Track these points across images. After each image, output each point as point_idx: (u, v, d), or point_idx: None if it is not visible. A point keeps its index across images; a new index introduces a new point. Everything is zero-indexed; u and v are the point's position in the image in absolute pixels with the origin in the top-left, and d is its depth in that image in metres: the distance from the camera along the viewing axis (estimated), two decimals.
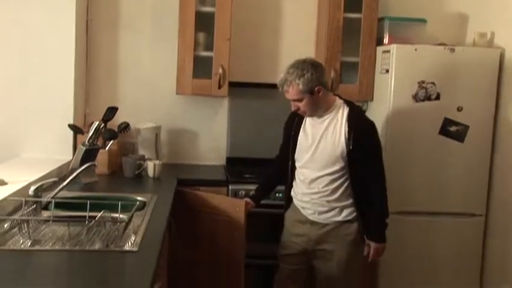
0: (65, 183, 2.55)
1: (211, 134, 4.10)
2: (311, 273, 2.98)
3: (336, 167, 2.79)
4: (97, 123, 3.19)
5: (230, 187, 3.48)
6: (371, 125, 2.88)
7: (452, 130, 3.52)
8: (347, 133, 2.77)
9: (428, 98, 3.50)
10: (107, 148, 3.52)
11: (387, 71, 3.56)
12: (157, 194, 2.97)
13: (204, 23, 3.71)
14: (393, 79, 3.50)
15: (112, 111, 3.55)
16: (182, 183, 3.39)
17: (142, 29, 3.96)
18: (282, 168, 3.03)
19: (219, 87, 3.71)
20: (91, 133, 3.17)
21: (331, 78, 3.74)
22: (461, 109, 3.51)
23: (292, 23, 4.08)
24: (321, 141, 2.82)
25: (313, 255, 2.92)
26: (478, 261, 3.66)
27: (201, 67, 3.74)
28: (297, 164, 2.93)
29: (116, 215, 2.23)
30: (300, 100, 2.77)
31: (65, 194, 2.75)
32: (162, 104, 3.99)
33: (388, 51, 3.56)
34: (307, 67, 2.74)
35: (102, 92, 3.96)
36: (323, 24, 3.86)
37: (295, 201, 2.98)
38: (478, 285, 3.67)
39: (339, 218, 2.84)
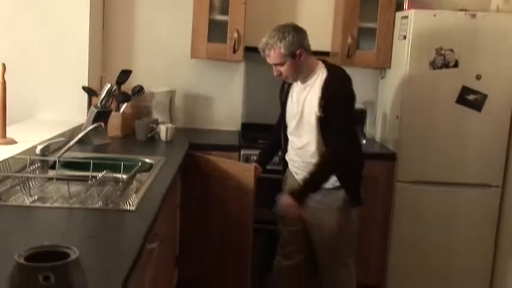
0: (71, 143, 2.58)
1: (226, 99, 4.08)
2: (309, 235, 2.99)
3: (317, 134, 2.76)
4: (109, 85, 3.20)
5: (242, 152, 3.48)
6: (343, 92, 2.75)
7: (470, 99, 3.44)
8: (319, 100, 2.72)
9: (445, 65, 3.41)
10: (121, 111, 3.55)
11: (405, 37, 3.47)
12: (167, 156, 2.99)
13: None
14: (410, 45, 3.42)
15: (125, 74, 3.57)
16: (195, 147, 3.41)
17: None
18: (280, 135, 3.03)
19: (234, 51, 3.68)
20: (103, 95, 3.19)
21: (347, 44, 3.68)
22: (480, 77, 3.42)
23: None
24: (305, 107, 2.78)
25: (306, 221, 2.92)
26: (492, 232, 3.60)
27: (216, 31, 3.71)
28: (287, 131, 2.92)
29: (119, 175, 2.23)
30: (281, 64, 2.72)
31: (74, 154, 2.79)
32: (178, 68, 3.98)
33: (406, 17, 3.47)
34: (288, 30, 2.70)
35: (118, 56, 3.96)
36: None
37: (289, 166, 2.98)
38: (491, 256, 3.62)
39: (328, 185, 2.80)
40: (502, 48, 3.42)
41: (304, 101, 2.78)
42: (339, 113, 2.71)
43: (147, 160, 2.84)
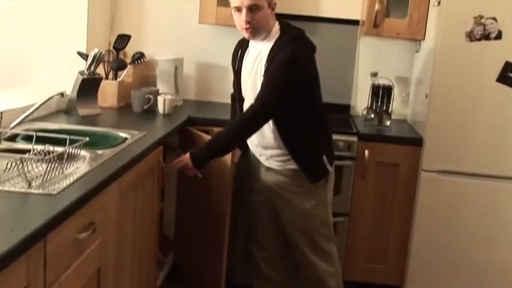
0: (25, 114, 2.29)
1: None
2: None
3: None
4: (97, 50, 2.91)
5: None
6: (286, 53, 2.34)
7: None
8: (263, 66, 2.38)
9: (486, 36, 2.89)
10: (119, 79, 3.26)
11: (439, 3, 2.97)
12: (152, 131, 2.68)
13: None
14: (444, 12, 2.92)
15: (124, 39, 3.27)
16: (193, 121, 3.09)
17: None
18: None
19: None
20: (89, 61, 2.91)
21: (375, 10, 3.21)
22: None
23: None
24: (255, 75, 2.44)
25: (275, 201, 2.61)
26: None
27: None
28: (243, 105, 2.59)
29: (61, 149, 1.92)
30: (258, 8, 2.35)
31: (46, 125, 2.54)
32: (188, 34, 3.64)
33: None
34: None
35: (129, 19, 3.66)
36: None
37: (249, 146, 2.66)
38: None
39: (293, 166, 2.48)
40: None
41: (257, 69, 2.45)
42: (276, 72, 2.34)
43: (122, 134, 2.53)
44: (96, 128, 2.65)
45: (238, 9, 2.39)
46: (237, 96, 2.66)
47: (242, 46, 2.60)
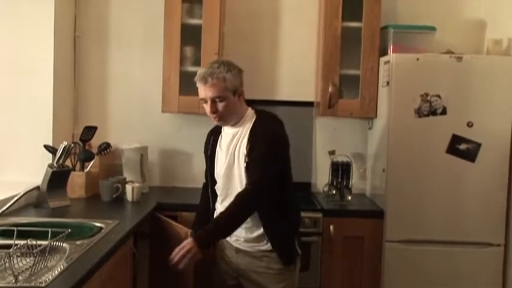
0: (3, 208, 2.34)
1: None
2: None
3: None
4: (66, 143, 2.99)
5: None
6: (269, 133, 2.47)
7: (462, 148, 3.14)
8: (245, 148, 2.48)
9: (433, 112, 3.13)
10: (86, 170, 3.32)
11: (388, 83, 3.22)
12: (124, 219, 2.73)
13: (191, 36, 3.48)
14: (393, 92, 3.16)
15: (90, 130, 3.37)
16: (162, 207, 3.15)
17: (132, 44, 3.76)
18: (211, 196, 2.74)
19: None
20: (58, 154, 2.97)
21: (329, 93, 3.43)
22: (472, 125, 3.13)
23: (291, 34, 3.78)
24: (234, 158, 2.53)
25: (245, 283, 2.60)
26: None
27: (189, 83, 3.45)
28: (216, 187, 2.65)
29: (44, 242, 1.96)
30: (222, 99, 2.46)
31: (19, 220, 2.56)
32: (152, 123, 3.76)
33: (388, 62, 3.22)
34: (232, 65, 2.52)
35: (92, 111, 3.77)
36: (320, 35, 3.56)
37: None
38: None
39: (266, 247, 2.51)
40: (494, 92, 3.14)
41: (234, 151, 2.53)
42: (262, 151, 2.43)
43: (97, 224, 2.57)
44: (69, 219, 2.69)
45: (204, 100, 2.51)
46: (210, 181, 2.71)
47: (214, 133, 2.70)
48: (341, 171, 3.49)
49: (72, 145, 3.06)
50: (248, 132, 2.50)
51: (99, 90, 3.78)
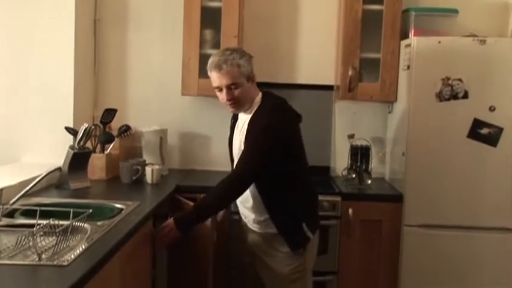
0: (25, 189, 2.37)
1: (225, 138, 3.78)
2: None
3: None
4: (86, 125, 3.01)
5: None
6: (266, 121, 2.44)
7: (483, 133, 3.11)
8: (244, 134, 2.50)
9: (454, 96, 3.10)
10: (106, 152, 3.35)
11: (409, 67, 3.19)
12: (144, 201, 2.76)
13: (211, 19, 3.48)
14: (414, 76, 3.13)
15: (110, 113, 3.39)
16: (181, 189, 3.18)
17: (151, 27, 3.77)
18: None
19: None
20: (79, 136, 3.00)
21: (349, 76, 3.41)
22: (494, 109, 3.10)
23: (311, 17, 3.76)
24: (241, 145, 2.54)
25: (256, 263, 2.65)
26: None
27: None
28: None
29: (66, 222, 1.99)
30: (237, 86, 2.46)
31: (41, 200, 2.59)
32: (171, 106, 3.78)
33: (409, 45, 3.19)
34: (243, 52, 2.55)
35: (112, 94, 3.79)
36: (341, 18, 3.54)
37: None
38: None
39: (273, 230, 2.53)
40: None
41: (241, 137, 2.55)
42: (251, 142, 2.45)
43: (117, 205, 2.60)
44: (90, 200, 2.73)
45: (219, 88, 2.51)
46: (230, 162, 2.75)
47: (234, 118, 2.72)
48: (360, 155, 3.48)
49: (92, 127, 3.08)
50: (247, 122, 2.50)
51: (119, 73, 3.81)
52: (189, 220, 2.51)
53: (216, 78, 2.49)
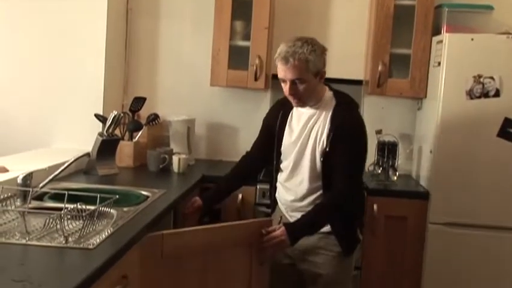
0: (54, 174, 2.41)
1: (252, 129, 3.76)
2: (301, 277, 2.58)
3: (319, 171, 2.40)
4: (115, 112, 3.05)
5: (258, 186, 3.26)
6: (356, 125, 2.40)
7: None
8: (328, 131, 2.36)
9: (485, 94, 3.06)
10: (134, 140, 3.40)
11: (439, 63, 3.15)
12: (171, 189, 2.79)
13: (242, 10, 3.49)
14: (445, 72, 3.09)
15: (139, 101, 3.43)
16: (207, 179, 3.20)
17: (182, 17, 3.81)
18: (250, 168, 2.75)
19: (256, 79, 3.47)
20: (108, 123, 3.05)
21: (378, 71, 3.39)
22: None
23: (342, 11, 3.75)
24: (306, 140, 2.43)
25: (300, 264, 2.53)
26: None
27: (238, 57, 3.52)
28: (281, 165, 2.57)
29: (93, 207, 2.02)
30: (302, 81, 2.31)
31: (69, 185, 2.64)
32: (200, 96, 3.81)
33: (441, 42, 3.15)
34: (316, 44, 2.34)
35: (142, 82, 3.84)
36: (372, 13, 3.51)
37: (279, 204, 2.63)
38: None
39: (325, 229, 2.43)
40: None
41: (310, 133, 2.42)
42: (351, 149, 2.35)
43: (144, 192, 2.64)
44: (117, 186, 2.76)
45: (283, 80, 2.37)
46: (256, 153, 2.70)
47: (284, 106, 2.54)
48: (386, 150, 3.45)
49: (121, 115, 3.12)
50: (329, 119, 2.38)
51: (149, 62, 3.85)
52: (300, 234, 2.35)
53: (281, 70, 2.33)
